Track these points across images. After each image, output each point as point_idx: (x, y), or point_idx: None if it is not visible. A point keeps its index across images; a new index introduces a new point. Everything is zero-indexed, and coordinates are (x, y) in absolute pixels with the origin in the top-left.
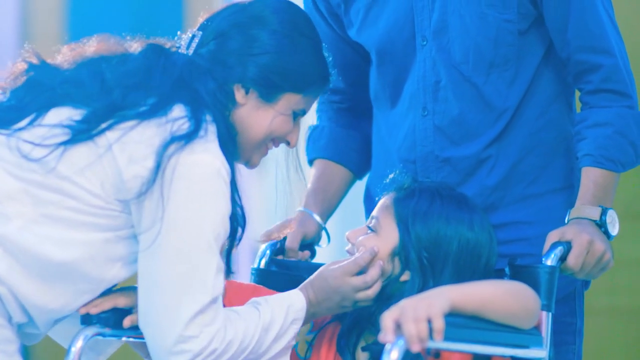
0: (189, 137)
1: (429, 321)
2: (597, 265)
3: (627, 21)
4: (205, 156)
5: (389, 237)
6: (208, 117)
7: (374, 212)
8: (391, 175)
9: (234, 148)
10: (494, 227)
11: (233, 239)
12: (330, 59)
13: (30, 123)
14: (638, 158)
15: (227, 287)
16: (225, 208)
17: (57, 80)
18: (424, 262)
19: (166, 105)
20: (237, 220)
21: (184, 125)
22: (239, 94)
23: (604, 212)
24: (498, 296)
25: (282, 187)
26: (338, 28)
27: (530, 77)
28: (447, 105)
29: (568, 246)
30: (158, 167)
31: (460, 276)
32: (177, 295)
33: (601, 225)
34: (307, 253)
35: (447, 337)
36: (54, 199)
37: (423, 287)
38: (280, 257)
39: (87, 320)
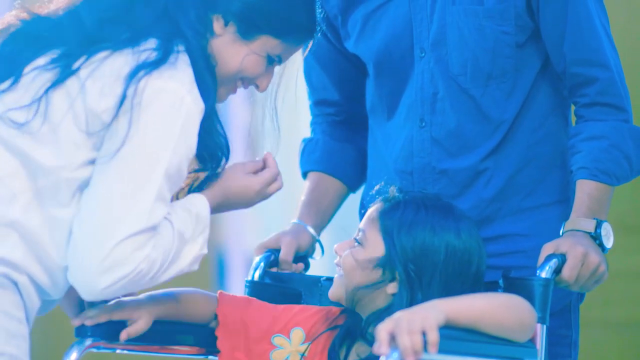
0: (156, 64)
1: (424, 333)
2: (592, 278)
3: (623, 25)
4: (171, 84)
5: (375, 249)
6: (180, 47)
7: (361, 225)
8: (377, 187)
9: (212, 78)
10: (489, 239)
11: (217, 167)
12: (322, 15)
13: (14, 82)
14: (633, 172)
15: (220, 299)
16: (187, 143)
17: (42, 28)
18: (411, 274)
19: (140, 38)
20: (222, 150)
21: (152, 54)
22: (217, 25)
23: (598, 225)
24: (493, 309)
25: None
26: (335, 40)
27: (528, 89)
28: (444, 117)
29: (563, 258)
30: (125, 93)
31: (450, 286)
32: (116, 214)
33: (596, 237)
34: (300, 265)
35: (442, 350)
36: (45, 170)
37: (411, 300)
38: (274, 270)
39: (81, 332)
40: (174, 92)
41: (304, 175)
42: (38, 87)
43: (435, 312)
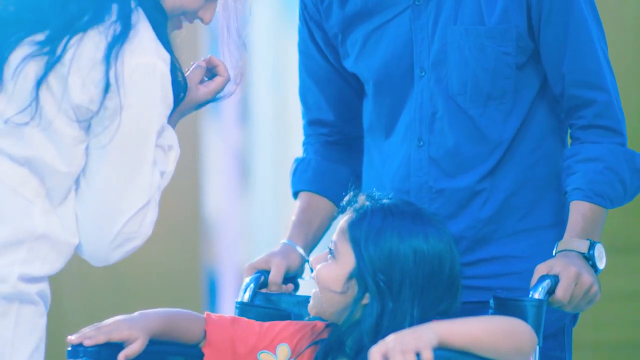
0: (123, 36)
1: (418, 354)
2: (585, 298)
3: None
4: (144, 57)
5: (346, 261)
6: (132, 4)
7: (333, 237)
8: (347, 197)
9: (165, 21)
10: (484, 260)
11: (176, 104)
12: (321, 34)
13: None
14: (627, 195)
15: (207, 318)
16: (166, 103)
17: (21, 10)
18: (380, 284)
19: (104, 9)
20: (179, 87)
21: (117, 27)
22: None
23: (592, 246)
24: (489, 334)
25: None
26: (333, 59)
27: (526, 111)
28: (442, 137)
29: (556, 279)
30: (107, 80)
31: (423, 292)
32: (120, 194)
33: (589, 258)
34: (290, 286)
35: None
36: (53, 170)
37: (383, 310)
38: (264, 290)
39: (74, 354)
40: (147, 64)
41: (295, 195)
42: (28, 83)
43: (428, 333)
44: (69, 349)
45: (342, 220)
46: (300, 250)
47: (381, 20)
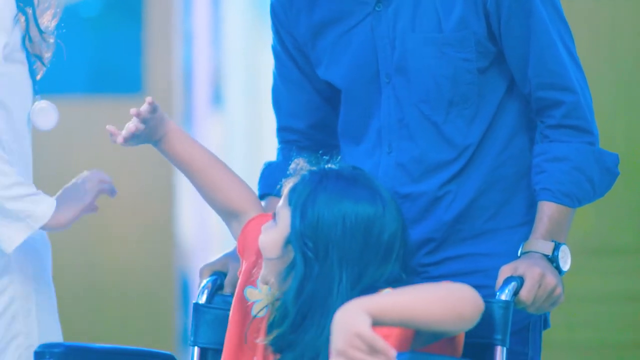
0: None
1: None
2: (548, 300)
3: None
4: None
5: (284, 226)
6: None
7: (279, 203)
8: (295, 162)
9: None
10: (449, 259)
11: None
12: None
13: None
14: (596, 194)
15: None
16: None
17: None
18: (305, 249)
19: None
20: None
21: None
22: None
23: (556, 247)
24: (423, 302)
25: None
26: (304, 65)
27: (493, 113)
28: (409, 143)
29: (522, 281)
30: None
31: (351, 256)
32: None
33: (553, 260)
34: None
35: None
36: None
37: (308, 274)
38: (220, 292)
39: (39, 356)
40: None
41: (261, 197)
42: None
43: (358, 315)
44: (35, 351)
45: (286, 183)
46: None
47: (346, 27)
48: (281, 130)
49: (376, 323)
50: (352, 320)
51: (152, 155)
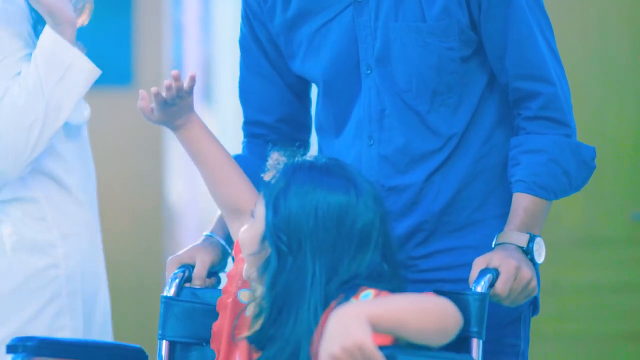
0: None
1: None
2: (523, 292)
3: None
4: None
5: (261, 221)
6: None
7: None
8: (271, 159)
9: None
10: (438, 252)
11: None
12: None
13: None
14: (572, 187)
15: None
16: None
17: None
18: (278, 242)
19: None
20: None
21: None
22: None
23: (531, 240)
24: (417, 317)
25: None
26: (276, 58)
27: (476, 103)
28: (392, 134)
29: (497, 273)
30: None
31: (324, 248)
32: None
33: (528, 252)
34: (212, 280)
35: None
36: None
37: (281, 268)
38: (187, 285)
39: (12, 349)
40: None
41: None
42: None
43: (361, 325)
44: (8, 345)
45: (264, 178)
46: (223, 243)
47: (325, 18)
48: (248, 124)
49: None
50: (354, 329)
51: (141, 145)
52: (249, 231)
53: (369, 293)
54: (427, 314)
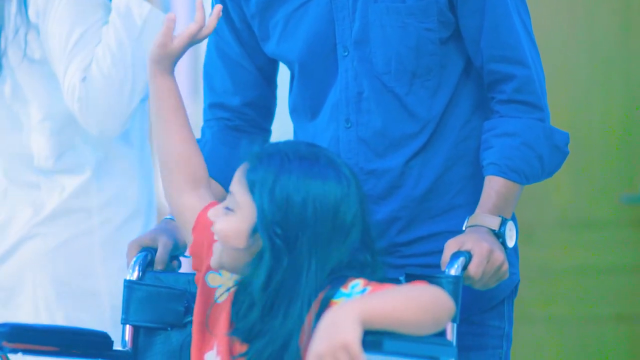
0: None
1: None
2: (495, 276)
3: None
4: None
5: (248, 213)
6: None
7: (231, 187)
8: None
9: None
10: (422, 238)
11: None
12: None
13: None
14: (544, 172)
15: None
16: None
17: None
18: (275, 240)
19: None
20: None
21: None
22: None
23: (503, 223)
24: (411, 312)
25: None
26: (248, 40)
27: (454, 85)
28: (370, 117)
29: (469, 256)
30: None
31: (320, 243)
32: None
33: (499, 235)
34: (174, 263)
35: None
36: None
37: (276, 266)
38: (150, 269)
39: None
40: None
41: None
42: None
43: (353, 324)
44: None
45: (239, 170)
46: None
47: (301, 0)
48: (212, 106)
49: (365, 328)
50: (342, 329)
51: None
52: (231, 223)
53: (357, 283)
54: (422, 308)
